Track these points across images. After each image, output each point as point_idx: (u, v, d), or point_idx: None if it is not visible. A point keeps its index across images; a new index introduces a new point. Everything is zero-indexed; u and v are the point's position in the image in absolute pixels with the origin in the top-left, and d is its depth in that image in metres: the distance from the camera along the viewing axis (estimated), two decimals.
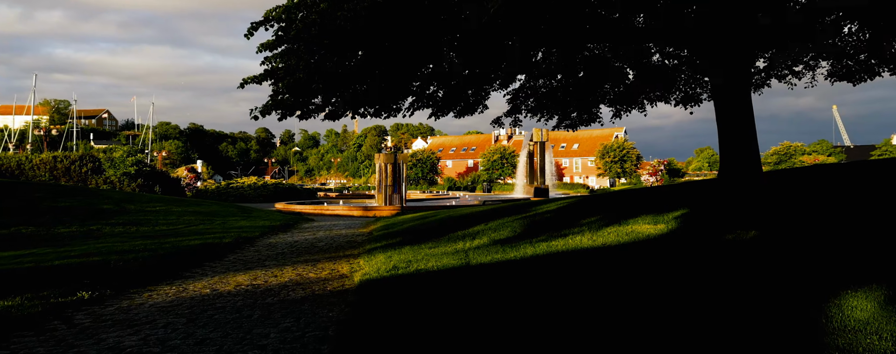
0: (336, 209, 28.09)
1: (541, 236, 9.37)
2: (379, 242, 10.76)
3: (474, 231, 10.55)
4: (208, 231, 12.71)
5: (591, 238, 8.73)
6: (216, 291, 6.35)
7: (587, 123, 14.45)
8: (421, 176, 73.32)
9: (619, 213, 10.57)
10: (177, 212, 15.39)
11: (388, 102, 9.25)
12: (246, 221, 15.75)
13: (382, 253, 9.05)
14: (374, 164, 30.71)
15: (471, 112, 13.11)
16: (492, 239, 9.57)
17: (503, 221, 11.39)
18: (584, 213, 11.18)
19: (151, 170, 28.04)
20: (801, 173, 11.28)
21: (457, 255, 8.32)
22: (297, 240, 11.96)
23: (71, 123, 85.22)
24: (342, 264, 8.49)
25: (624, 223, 9.44)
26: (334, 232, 13.90)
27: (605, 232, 9.02)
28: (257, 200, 38.51)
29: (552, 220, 10.99)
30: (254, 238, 12.02)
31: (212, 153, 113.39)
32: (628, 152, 62.06)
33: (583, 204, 12.62)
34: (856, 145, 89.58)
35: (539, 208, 12.62)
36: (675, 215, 9.56)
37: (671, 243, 7.84)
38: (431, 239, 10.21)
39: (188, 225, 13.86)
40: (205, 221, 14.93)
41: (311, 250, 10.19)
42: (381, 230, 13.90)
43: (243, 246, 10.73)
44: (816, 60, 11.92)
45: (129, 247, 9.66)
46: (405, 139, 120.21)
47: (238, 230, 13.40)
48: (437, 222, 13.32)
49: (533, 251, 8.14)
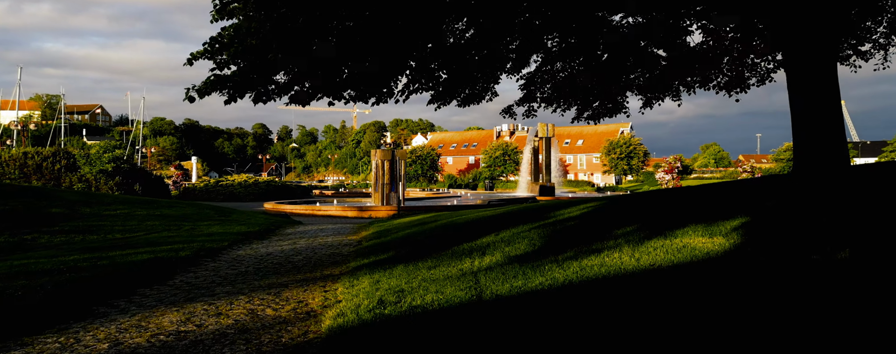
0: (329, 210, 26.15)
1: (567, 251, 7.44)
2: (367, 257, 8.81)
3: (483, 244, 8.61)
4: (168, 241, 10.76)
5: (632, 256, 6.80)
6: (118, 346, 4.40)
7: (612, 115, 12.50)
8: (420, 173, 71.31)
9: (660, 220, 8.65)
10: (140, 216, 13.44)
11: (375, 83, 7.26)
12: (219, 226, 13.81)
13: (368, 276, 7.10)
14: (371, 161, 28.75)
15: (477, 99, 11.16)
16: (506, 256, 7.64)
17: (518, 230, 9.44)
18: (615, 220, 9.23)
19: (132, 167, 26.09)
20: (888, 170, 9.30)
21: (464, 280, 6.38)
22: (271, 252, 10.03)
23: (62, 122, 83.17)
24: (315, 292, 6.54)
25: (670, 235, 7.52)
26: (319, 240, 11.96)
27: (648, 247, 7.09)
28: (248, 198, 36.55)
29: (577, 229, 9.06)
30: (219, 250, 10.08)
31: (207, 150, 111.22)
32: (635, 149, 59.93)
33: (611, 208, 10.68)
34: (871, 141, 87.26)
35: (558, 213, 10.67)
36: (733, 224, 7.64)
37: (738, 264, 5.93)
38: (431, 254, 8.27)
39: (149, 232, 11.92)
40: (170, 226, 12.99)
41: (282, 268, 8.24)
42: (373, 237, 11.96)
43: (201, 262, 8.79)
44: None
45: (54, 265, 7.72)
46: (405, 135, 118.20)
47: (205, 238, 11.46)
48: (439, 229, 11.38)
49: (563, 276, 6.19)
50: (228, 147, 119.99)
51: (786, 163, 52.10)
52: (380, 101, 8.03)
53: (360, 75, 6.75)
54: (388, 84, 7.82)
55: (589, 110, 12.42)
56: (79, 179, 24.61)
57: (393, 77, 7.84)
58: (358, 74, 6.72)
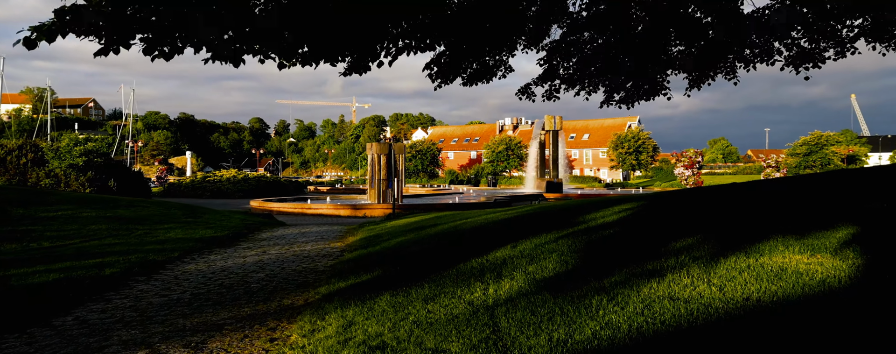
0: (320, 208, 24.05)
1: (614, 274, 5.39)
2: (345, 278, 6.70)
3: (498, 260, 6.53)
4: (105, 251, 8.67)
5: (710, 283, 4.80)
6: None
7: (649, 96, 10.37)
8: (421, 169, 69.12)
9: (728, 228, 6.62)
10: (85, 219, 11.33)
11: (350, 43, 5.14)
12: (181, 230, 11.71)
13: (339, 313, 5.01)
14: (367, 155, 26.63)
15: (488, 75, 9.04)
16: (531, 280, 5.57)
17: (541, 240, 7.35)
18: (666, 227, 7.12)
19: (106, 161, 23.99)
20: None
21: (477, 326, 4.30)
22: (227, 267, 7.93)
23: (49, 114, 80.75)
24: (257, 341, 4.45)
25: (751, 251, 5.50)
26: (294, 249, 9.87)
27: (728, 269, 5.07)
28: (236, 195, 34.43)
29: (619, 238, 6.97)
30: (164, 264, 7.99)
31: (203, 144, 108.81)
32: (644, 143, 57.56)
33: (654, 211, 8.57)
34: (893, 135, 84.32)
35: (589, 217, 8.56)
36: (838, 236, 5.62)
37: (873, 300, 3.94)
38: (429, 275, 6.19)
39: (87, 239, 9.82)
40: (120, 231, 10.90)
41: (229, 294, 6.14)
42: (359, 246, 9.86)
43: (128, 283, 6.70)
44: None
45: None
46: (405, 130, 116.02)
47: (155, 246, 9.37)
48: (439, 237, 9.28)
49: (625, 320, 4.14)
50: (224, 142, 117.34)
51: (802, 158, 49.86)
52: (358, 66, 5.92)
53: (323, 36, 4.70)
54: (373, 48, 5.73)
55: (621, 92, 10.28)
56: (47, 174, 22.52)
57: (377, 41, 5.77)
58: (320, 35, 4.67)
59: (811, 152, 49.41)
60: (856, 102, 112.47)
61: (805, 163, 49.36)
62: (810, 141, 50.11)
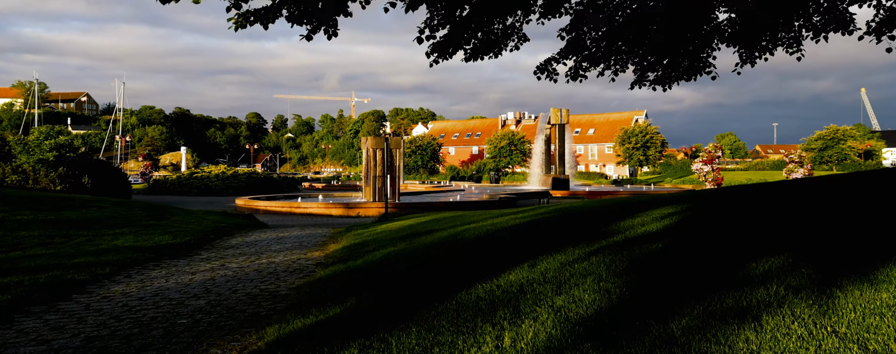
0: (310, 207, 22.31)
1: (683, 312, 3.66)
2: (306, 314, 4.92)
3: (513, 287, 4.81)
4: (18, 265, 6.94)
5: (833, 331, 3.04)
6: None
7: (689, 76, 8.63)
8: (421, 164, 67.28)
9: (818, 242, 4.88)
10: (16, 223, 9.59)
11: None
12: (133, 236, 9.98)
13: None
14: (362, 150, 24.85)
15: (496, 48, 7.28)
16: (563, 320, 3.86)
17: (565, 257, 5.63)
18: (731, 239, 5.35)
19: (79, 157, 22.25)
20: None
21: None
22: (165, 288, 6.20)
23: (36, 108, 78.84)
24: None
25: (876, 279, 3.77)
26: (261, 261, 8.14)
27: (853, 306, 3.29)
28: (225, 193, 32.69)
29: (672, 255, 5.21)
30: (83, 285, 6.27)
31: (199, 140, 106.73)
32: (652, 138, 55.65)
33: (704, 215, 6.82)
34: None
35: (625, 225, 6.79)
36: None
37: None
38: (419, 310, 4.47)
39: (7, 250, 8.08)
40: (54, 239, 9.17)
41: (137, 340, 4.39)
42: (339, 258, 8.10)
43: (14, 318, 4.96)
44: None
45: None
46: (405, 125, 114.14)
47: (88, 258, 7.64)
48: (436, 247, 7.52)
49: None
50: (221, 137, 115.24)
51: (817, 153, 47.94)
52: (327, 22, 4.22)
53: None
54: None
55: (656, 70, 8.52)
56: (13, 170, 20.77)
57: None
58: None
59: (827, 147, 47.50)
60: (866, 97, 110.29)
61: (821, 158, 47.47)
62: (826, 135, 48.18)
